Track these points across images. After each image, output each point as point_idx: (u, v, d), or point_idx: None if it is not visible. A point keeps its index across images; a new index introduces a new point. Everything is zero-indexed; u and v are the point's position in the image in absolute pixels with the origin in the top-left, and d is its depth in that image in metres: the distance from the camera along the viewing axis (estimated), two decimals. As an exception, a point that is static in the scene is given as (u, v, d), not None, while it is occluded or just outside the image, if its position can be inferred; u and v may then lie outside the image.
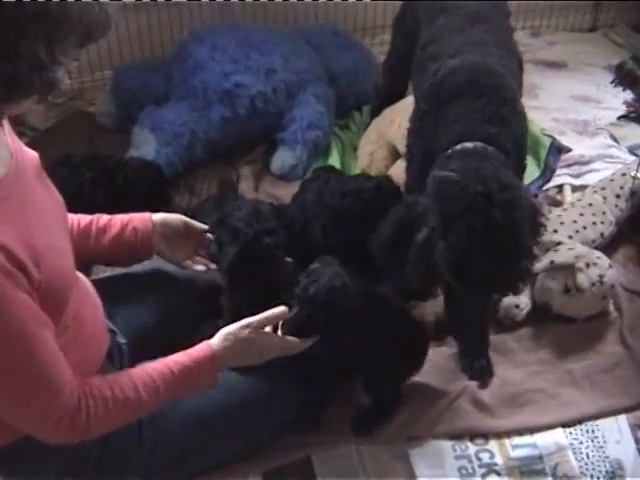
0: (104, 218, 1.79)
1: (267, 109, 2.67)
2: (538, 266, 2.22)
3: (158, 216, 1.84)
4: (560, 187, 2.74)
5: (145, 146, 2.53)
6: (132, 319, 1.78)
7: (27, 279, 1.28)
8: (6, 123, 1.39)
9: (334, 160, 2.74)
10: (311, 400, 1.82)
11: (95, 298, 1.63)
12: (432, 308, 2.16)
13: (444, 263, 1.59)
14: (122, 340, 1.72)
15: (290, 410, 1.80)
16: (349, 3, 3.27)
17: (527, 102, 2.98)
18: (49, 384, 1.33)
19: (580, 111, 3.13)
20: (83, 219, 1.76)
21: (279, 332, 1.67)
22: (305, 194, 2.26)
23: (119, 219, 1.80)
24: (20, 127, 2.86)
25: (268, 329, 1.65)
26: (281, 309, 1.66)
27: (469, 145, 1.78)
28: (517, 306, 2.20)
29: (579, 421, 1.97)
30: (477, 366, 2.04)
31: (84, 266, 1.73)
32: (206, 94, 2.61)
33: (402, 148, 2.65)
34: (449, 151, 1.80)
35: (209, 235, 1.91)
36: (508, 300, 2.20)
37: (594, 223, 2.40)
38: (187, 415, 1.65)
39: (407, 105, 2.64)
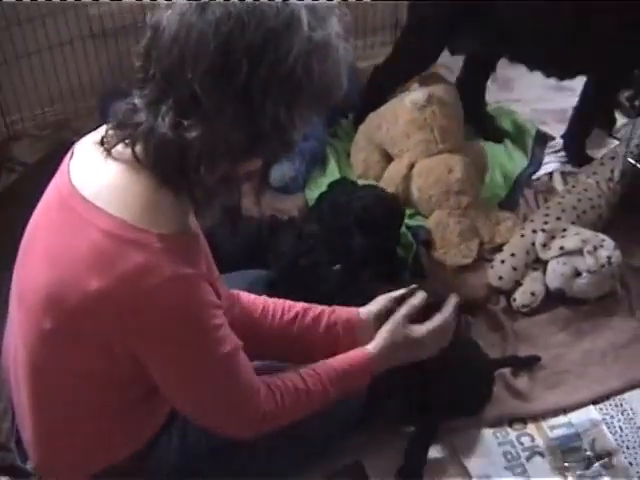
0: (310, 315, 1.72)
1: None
2: (548, 253, 2.31)
3: (365, 311, 1.74)
4: (550, 175, 2.84)
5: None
6: None
7: None
8: None
9: (333, 168, 2.78)
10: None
11: None
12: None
13: None
14: None
15: (351, 414, 1.80)
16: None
17: (504, 95, 3.16)
18: (250, 386, 1.44)
19: (557, 100, 3.19)
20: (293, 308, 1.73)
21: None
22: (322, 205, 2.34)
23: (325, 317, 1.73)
24: (9, 163, 2.85)
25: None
26: (420, 296, 1.71)
27: None
28: (532, 293, 2.29)
29: (607, 397, 2.06)
30: None
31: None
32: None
33: (392, 150, 2.73)
34: None
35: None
36: (523, 289, 2.30)
37: (592, 207, 2.50)
38: None
39: (391, 109, 2.75)
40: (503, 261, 2.35)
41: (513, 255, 2.35)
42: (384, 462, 1.88)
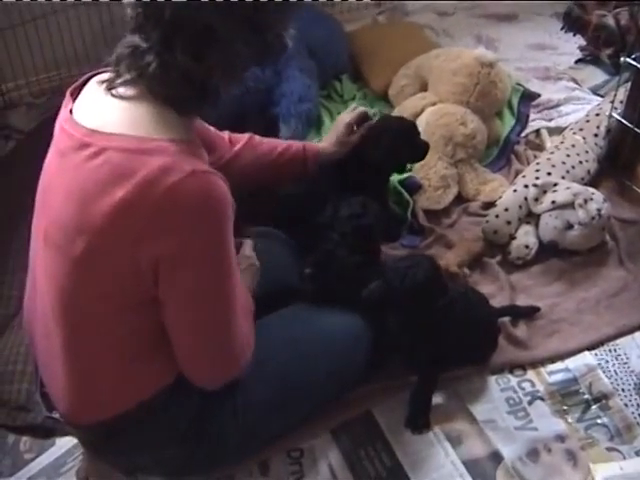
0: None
1: (258, 87, 2.72)
2: (541, 207, 2.40)
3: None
4: (537, 132, 2.92)
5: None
6: None
7: None
8: None
9: (327, 129, 2.80)
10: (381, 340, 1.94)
11: None
12: (454, 260, 2.31)
13: None
14: None
15: (361, 362, 1.91)
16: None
17: (490, 55, 3.20)
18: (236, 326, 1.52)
19: (539, 59, 3.29)
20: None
21: None
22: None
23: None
24: (5, 131, 2.87)
25: None
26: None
27: None
28: (526, 246, 2.38)
29: (601, 343, 2.16)
30: None
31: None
32: (198, 79, 2.65)
33: (431, 81, 2.89)
34: None
35: None
36: (517, 242, 2.38)
37: (580, 162, 2.58)
38: (272, 378, 1.73)
39: (459, 50, 2.93)
40: (497, 216, 2.42)
41: (507, 210, 2.42)
42: (394, 411, 1.96)
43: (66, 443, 1.89)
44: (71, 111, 1.45)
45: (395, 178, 2.54)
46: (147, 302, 1.43)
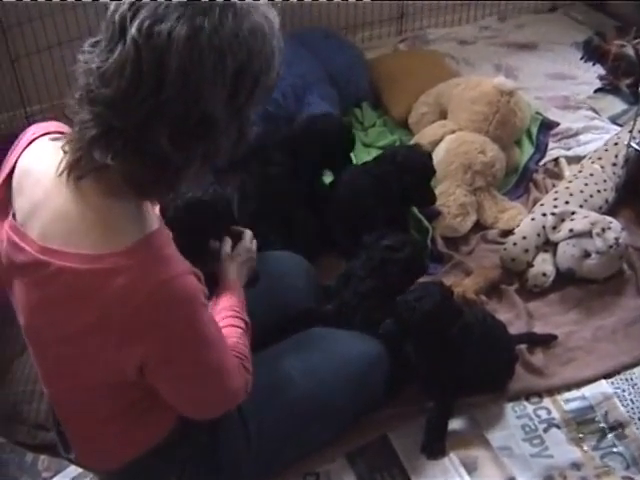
0: None
1: (279, 114, 2.76)
2: (558, 235, 2.41)
3: None
4: (556, 160, 2.94)
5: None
6: None
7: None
8: None
9: (348, 156, 2.85)
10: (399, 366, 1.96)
11: None
12: (472, 287, 2.34)
13: None
14: None
15: (379, 388, 1.93)
16: (331, 3, 3.37)
17: (510, 84, 3.22)
18: (232, 369, 1.47)
19: (558, 88, 3.31)
20: None
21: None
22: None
23: None
24: None
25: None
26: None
27: None
28: (544, 274, 2.39)
29: (618, 371, 2.16)
30: None
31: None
32: (220, 105, 2.69)
33: (451, 110, 2.93)
34: None
35: None
36: (535, 270, 2.39)
37: (598, 191, 2.59)
38: (286, 406, 1.75)
39: (478, 79, 2.99)
40: (515, 244, 2.43)
41: (525, 238, 2.43)
42: (410, 436, 1.98)
43: (84, 463, 1.91)
44: (14, 215, 1.35)
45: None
46: (129, 386, 1.41)
